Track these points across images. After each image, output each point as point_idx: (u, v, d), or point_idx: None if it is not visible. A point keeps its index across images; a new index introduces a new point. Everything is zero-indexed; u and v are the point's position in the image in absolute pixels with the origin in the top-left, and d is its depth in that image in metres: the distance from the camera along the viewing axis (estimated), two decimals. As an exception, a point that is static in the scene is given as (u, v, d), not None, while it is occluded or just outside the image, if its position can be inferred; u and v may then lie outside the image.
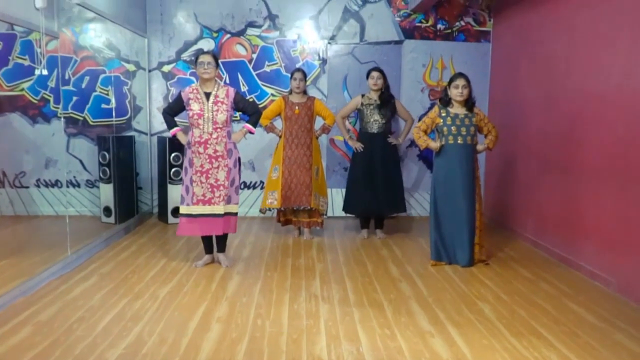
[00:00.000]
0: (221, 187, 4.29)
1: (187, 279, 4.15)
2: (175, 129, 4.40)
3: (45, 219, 5.97)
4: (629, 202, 3.88)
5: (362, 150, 5.35)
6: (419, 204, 6.71)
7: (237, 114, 5.62)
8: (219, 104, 4.26)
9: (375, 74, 5.31)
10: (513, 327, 3.30)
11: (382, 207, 5.44)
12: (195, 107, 4.25)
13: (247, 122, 4.49)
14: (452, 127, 4.47)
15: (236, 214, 4.45)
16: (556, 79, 4.97)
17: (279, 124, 5.44)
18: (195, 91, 4.30)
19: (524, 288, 4.04)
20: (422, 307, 3.62)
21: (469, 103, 4.51)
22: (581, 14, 4.57)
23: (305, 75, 5.34)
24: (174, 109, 4.41)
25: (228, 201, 4.35)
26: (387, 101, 5.33)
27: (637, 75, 3.84)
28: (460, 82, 4.43)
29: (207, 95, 4.27)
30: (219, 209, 4.30)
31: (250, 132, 4.49)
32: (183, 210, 4.33)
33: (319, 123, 5.47)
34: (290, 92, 5.36)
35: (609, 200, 4.13)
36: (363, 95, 5.42)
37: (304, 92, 5.35)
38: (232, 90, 4.37)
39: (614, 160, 4.07)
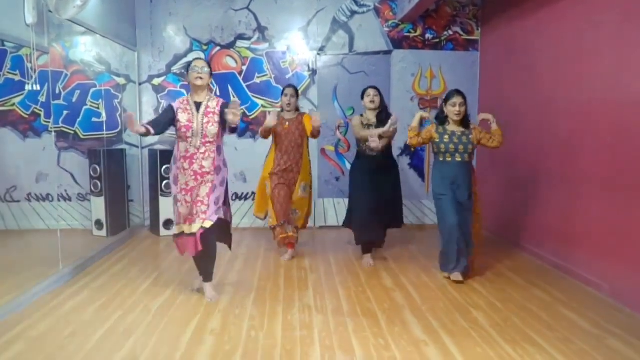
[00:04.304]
0: (199, 203, 3.80)
1: (179, 291, 4.13)
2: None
3: (37, 233, 5.94)
4: (618, 209, 3.91)
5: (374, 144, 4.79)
6: (411, 212, 6.72)
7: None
8: (210, 115, 3.79)
9: (371, 91, 4.96)
10: (507, 334, 3.30)
11: (385, 230, 5.19)
12: (183, 118, 3.77)
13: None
14: (449, 145, 4.39)
15: (208, 231, 3.83)
16: (543, 88, 5.01)
17: (269, 141, 5.26)
18: (185, 102, 3.84)
19: (518, 295, 4.05)
20: (416, 316, 3.62)
21: (465, 120, 4.45)
22: (566, 25, 4.62)
23: (297, 92, 5.09)
24: (159, 119, 3.83)
25: (206, 218, 3.80)
26: (384, 122, 4.88)
27: (622, 85, 3.89)
28: (458, 99, 4.35)
29: (198, 105, 3.82)
30: (195, 227, 3.80)
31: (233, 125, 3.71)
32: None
33: (311, 142, 5.30)
34: (282, 110, 5.13)
35: (598, 206, 4.16)
36: (361, 116, 5.05)
37: (296, 109, 5.13)
38: (222, 101, 3.90)
39: (602, 168, 4.11)
